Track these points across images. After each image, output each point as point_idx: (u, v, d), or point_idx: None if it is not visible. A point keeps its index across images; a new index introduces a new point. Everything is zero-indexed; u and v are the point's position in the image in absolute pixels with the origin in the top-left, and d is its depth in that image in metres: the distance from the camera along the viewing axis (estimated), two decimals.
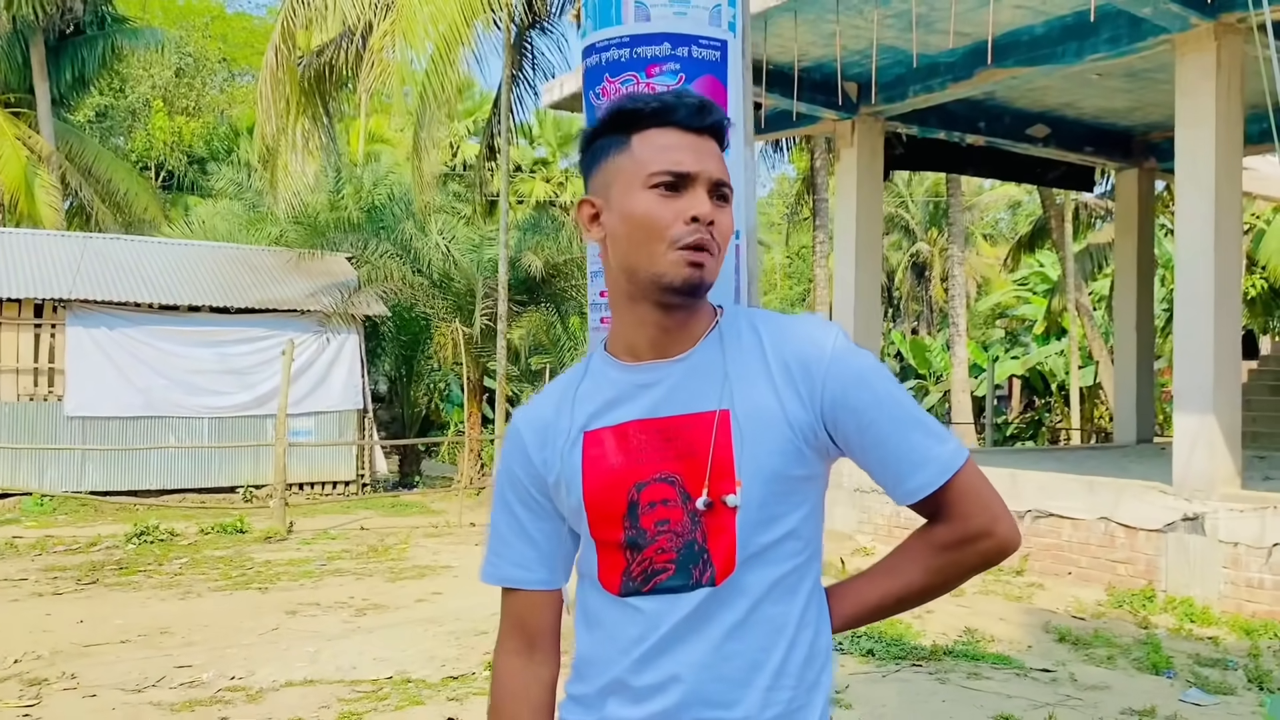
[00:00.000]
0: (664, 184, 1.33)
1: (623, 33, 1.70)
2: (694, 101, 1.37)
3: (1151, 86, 9.52)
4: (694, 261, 1.32)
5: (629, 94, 1.41)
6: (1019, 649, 5.76)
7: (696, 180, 1.34)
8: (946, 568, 1.41)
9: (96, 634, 6.47)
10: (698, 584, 1.33)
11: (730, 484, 1.33)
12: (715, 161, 1.36)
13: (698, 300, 1.38)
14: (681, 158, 1.34)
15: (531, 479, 1.45)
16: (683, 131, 1.35)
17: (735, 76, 1.73)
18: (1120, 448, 11.38)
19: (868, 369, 1.38)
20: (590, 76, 1.76)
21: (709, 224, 1.33)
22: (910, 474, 1.36)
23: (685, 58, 1.68)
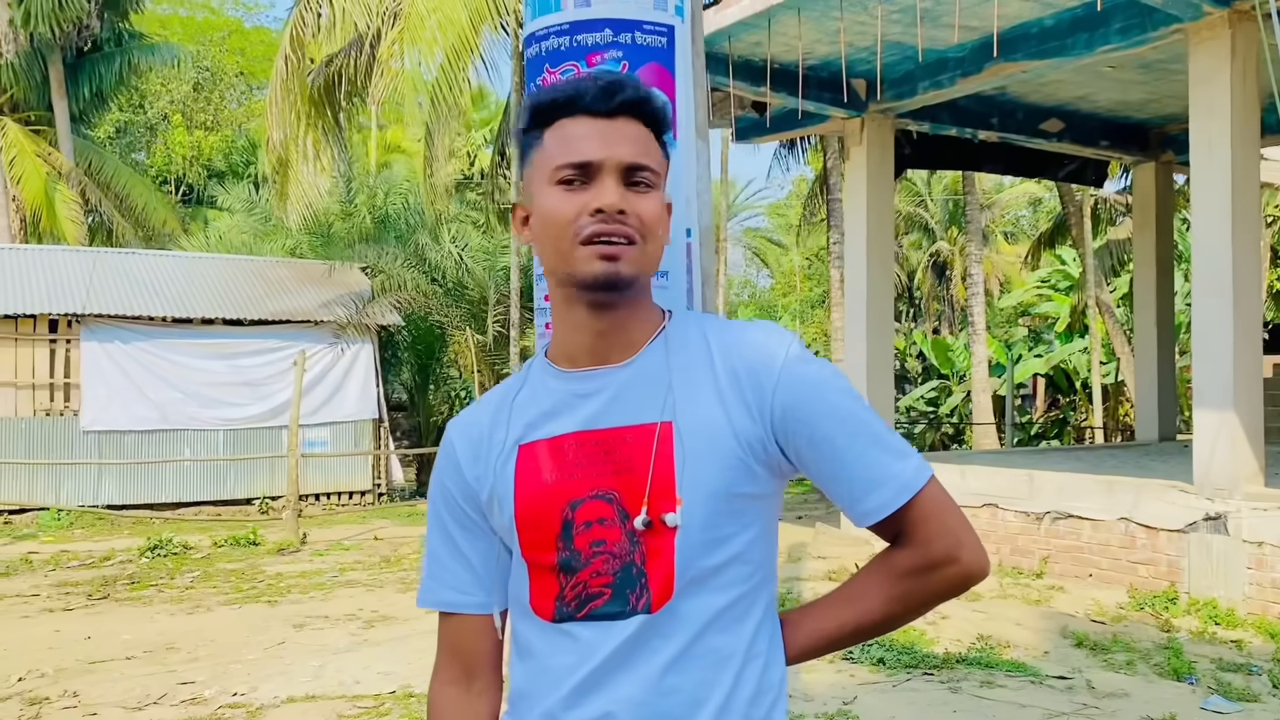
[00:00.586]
0: (567, 178, 1.24)
1: (562, 20, 1.61)
2: (602, 83, 1.26)
3: (1166, 78, 9.34)
4: (605, 255, 1.22)
5: (547, 85, 1.32)
6: (1035, 655, 5.61)
7: (603, 169, 1.23)
8: (908, 596, 1.30)
9: (102, 650, 6.43)
10: (634, 610, 1.22)
11: (671, 502, 1.22)
12: (628, 145, 1.25)
13: (623, 296, 1.27)
14: (584, 146, 1.24)
15: (465, 495, 1.36)
16: (592, 118, 1.25)
17: (684, 64, 1.63)
18: (1142, 446, 11.18)
19: (822, 378, 1.27)
20: (531, 68, 1.67)
21: (619, 213, 1.22)
22: (867, 493, 1.26)
23: (628, 45, 1.58)
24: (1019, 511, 8.22)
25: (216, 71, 35.69)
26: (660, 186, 1.28)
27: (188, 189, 32.44)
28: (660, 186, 1.28)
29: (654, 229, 1.26)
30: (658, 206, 1.26)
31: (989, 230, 31.08)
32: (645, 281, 1.29)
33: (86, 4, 19.41)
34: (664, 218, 1.29)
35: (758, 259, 42.86)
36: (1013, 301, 28.19)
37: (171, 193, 31.36)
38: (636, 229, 1.24)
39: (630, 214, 1.23)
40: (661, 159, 1.30)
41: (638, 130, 1.27)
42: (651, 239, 1.25)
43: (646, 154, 1.26)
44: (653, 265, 1.28)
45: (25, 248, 15.38)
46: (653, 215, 1.25)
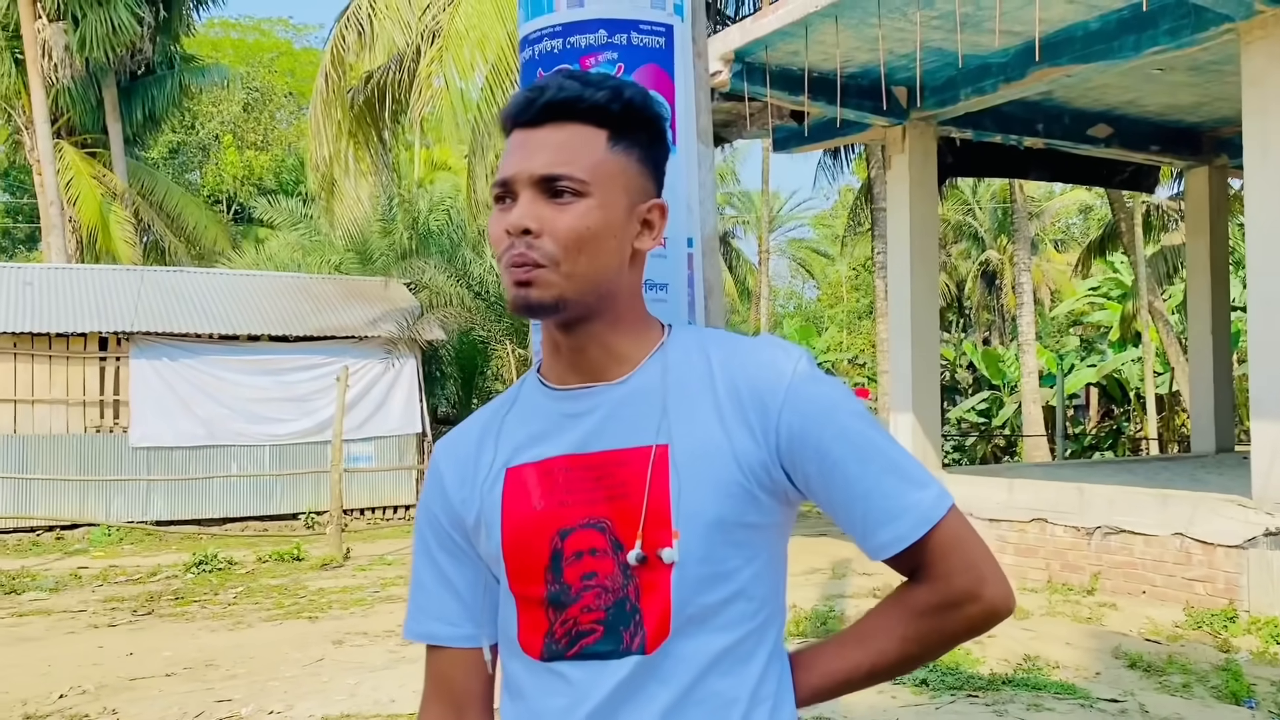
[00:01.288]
0: (497, 195, 1.17)
1: (555, 21, 1.54)
2: (523, 92, 1.19)
3: (1218, 80, 9.09)
4: (517, 280, 1.14)
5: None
6: (1086, 677, 5.43)
7: (516, 184, 1.16)
8: (926, 636, 1.20)
9: (144, 667, 6.46)
10: (628, 650, 1.14)
11: (667, 532, 1.14)
12: (544, 154, 1.15)
13: (563, 317, 1.18)
14: (506, 163, 1.17)
15: (451, 520, 1.28)
16: (522, 129, 1.18)
17: (684, 65, 1.55)
18: (1198, 458, 10.87)
19: (833, 399, 1.18)
20: (525, 71, 1.60)
21: (523, 233, 1.14)
22: (882, 525, 1.16)
23: (624, 45, 1.51)
24: (1069, 526, 8.00)
25: (266, 92, 36.32)
26: (595, 196, 1.16)
27: (239, 208, 32.98)
28: (595, 196, 1.16)
29: (574, 245, 1.14)
30: (580, 220, 1.14)
31: (1039, 238, 30.62)
32: (592, 301, 1.18)
33: (139, 28, 19.83)
34: (600, 230, 1.16)
35: (803, 270, 42.62)
36: (1064, 310, 27.74)
37: (223, 212, 31.89)
38: (547, 250, 1.14)
39: (543, 233, 1.13)
40: (611, 162, 1.17)
41: (567, 134, 1.16)
42: (573, 257, 1.14)
43: (568, 160, 1.15)
44: (583, 283, 1.16)
45: (76, 267, 15.68)
46: (569, 230, 1.14)
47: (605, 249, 1.16)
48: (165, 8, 21.29)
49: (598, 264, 1.16)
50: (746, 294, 32.53)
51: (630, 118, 1.18)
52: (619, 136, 1.18)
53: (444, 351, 16.59)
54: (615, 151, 1.17)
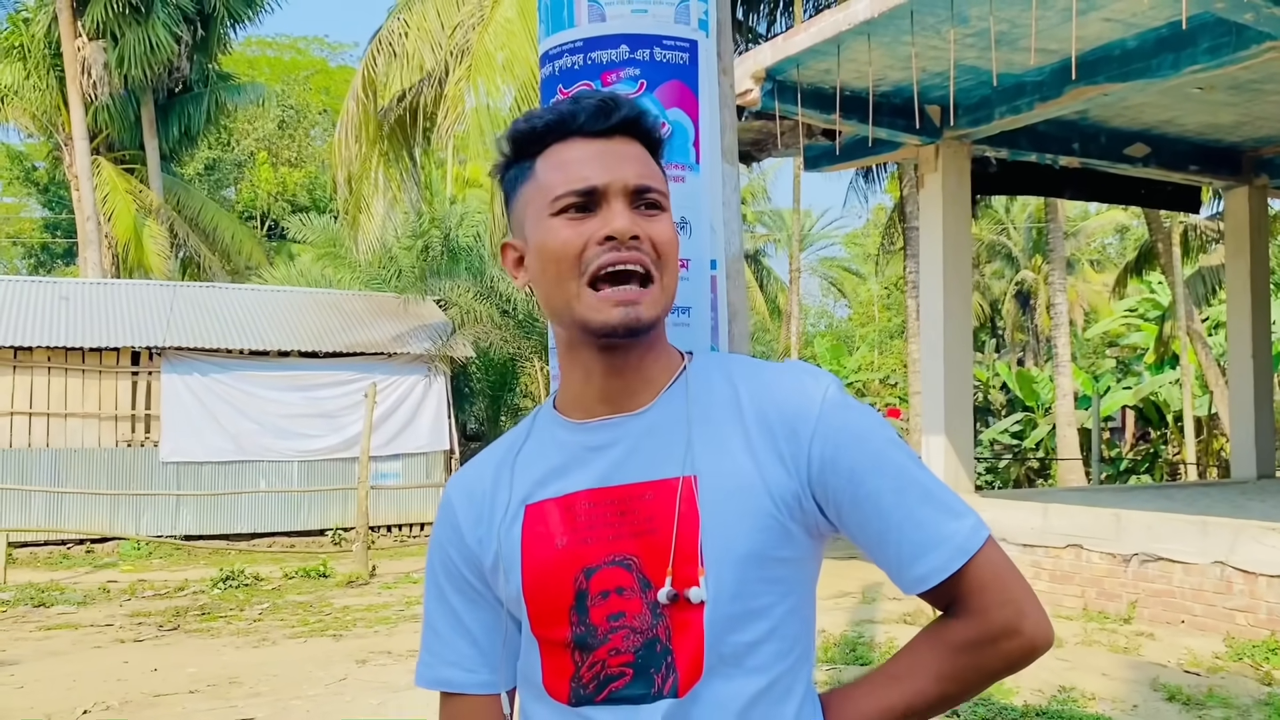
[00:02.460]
0: (571, 205, 1.10)
1: (576, 36, 1.49)
2: (594, 101, 1.14)
3: (1259, 98, 8.94)
4: (621, 300, 1.09)
5: (527, 112, 1.17)
6: (1123, 709, 5.28)
7: (608, 192, 1.10)
8: (963, 673, 1.14)
9: (168, 683, 6.45)
10: (659, 694, 1.08)
11: (696, 569, 1.08)
12: (634, 165, 1.13)
13: (640, 341, 1.13)
14: (587, 171, 1.11)
15: (466, 561, 1.22)
16: (588, 139, 1.13)
17: (708, 82, 1.50)
18: (1239, 484, 10.64)
19: (866, 426, 1.13)
20: (545, 88, 1.55)
21: (632, 238, 1.09)
22: (917, 557, 1.11)
23: (646, 61, 1.45)
24: (1105, 553, 7.84)
25: (301, 109, 36.73)
26: (670, 210, 1.16)
27: (273, 224, 33.32)
28: (670, 210, 1.16)
29: (670, 256, 1.12)
30: (671, 231, 1.14)
31: (1075, 259, 30.33)
32: (665, 314, 1.16)
33: (177, 47, 20.12)
34: (678, 242, 1.16)
35: (835, 289, 42.45)
36: (1099, 331, 27.41)
37: (258, 228, 32.23)
38: (652, 257, 1.11)
39: (644, 239, 1.10)
40: (664, 180, 1.17)
41: (638, 150, 1.15)
42: (668, 269, 1.12)
43: (652, 174, 1.15)
44: (671, 301, 1.15)
45: (108, 282, 15.85)
46: (667, 240, 1.12)
47: (677, 268, 1.16)
48: (203, 26, 21.59)
49: (675, 282, 1.15)
50: (777, 312, 32.42)
51: (661, 143, 1.20)
52: (658, 160, 1.18)
53: (473, 368, 16.61)
54: (662, 174, 1.19)
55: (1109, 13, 7.22)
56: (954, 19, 7.16)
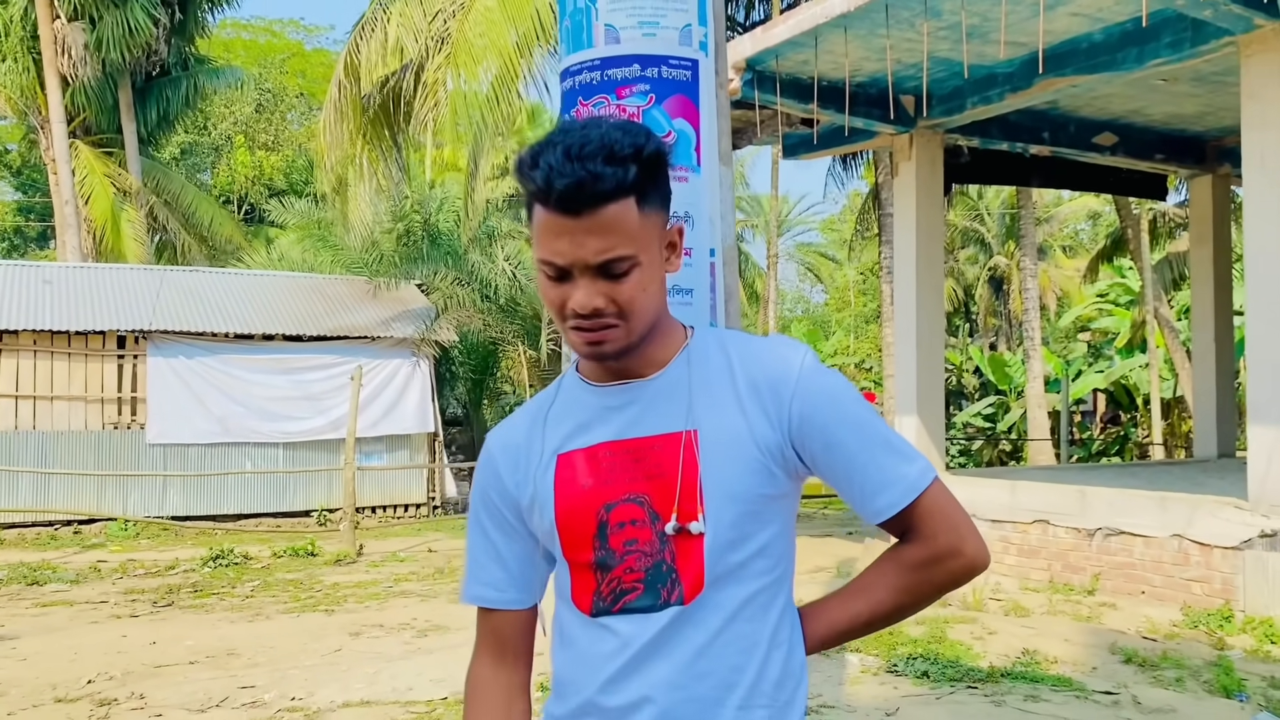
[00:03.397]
0: (547, 274, 1.32)
1: (594, 56, 1.72)
2: (564, 185, 1.25)
3: (1222, 90, 9.24)
4: (589, 341, 1.32)
5: (523, 154, 1.31)
6: (1082, 671, 5.59)
7: (573, 270, 1.29)
8: (916, 587, 1.41)
9: (167, 655, 6.65)
10: (666, 603, 1.33)
11: (695, 507, 1.33)
12: (595, 243, 1.27)
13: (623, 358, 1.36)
14: (558, 248, 1.28)
15: (505, 501, 1.47)
16: (559, 216, 1.27)
17: (708, 95, 1.73)
18: (1200, 462, 11.02)
19: (836, 388, 1.38)
20: (566, 99, 1.78)
21: (592, 311, 1.29)
22: (877, 493, 1.36)
23: (655, 78, 1.69)
24: (1070, 528, 8.16)
25: (278, 93, 36.57)
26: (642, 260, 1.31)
27: (249, 208, 33.22)
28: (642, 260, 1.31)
29: (634, 306, 1.31)
30: (637, 286, 1.30)
31: (1047, 244, 30.74)
32: (644, 333, 1.35)
33: (155, 30, 20.06)
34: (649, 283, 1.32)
35: (811, 274, 42.78)
36: (1071, 317, 27.84)
37: (234, 212, 32.13)
38: (615, 316, 1.31)
39: (606, 305, 1.29)
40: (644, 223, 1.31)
41: (612, 214, 1.27)
42: (635, 314, 1.31)
43: (619, 242, 1.28)
44: (644, 327, 1.34)
45: (95, 266, 15.91)
46: (629, 299, 1.30)
47: (653, 293, 1.34)
48: (180, 10, 21.54)
49: (651, 307, 1.34)
50: (755, 297, 32.71)
51: (650, 173, 1.30)
52: (645, 195, 1.30)
53: (455, 353, 16.79)
54: (645, 210, 1.31)
55: (1075, 7, 7.50)
56: (927, 12, 7.41)
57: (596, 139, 1.27)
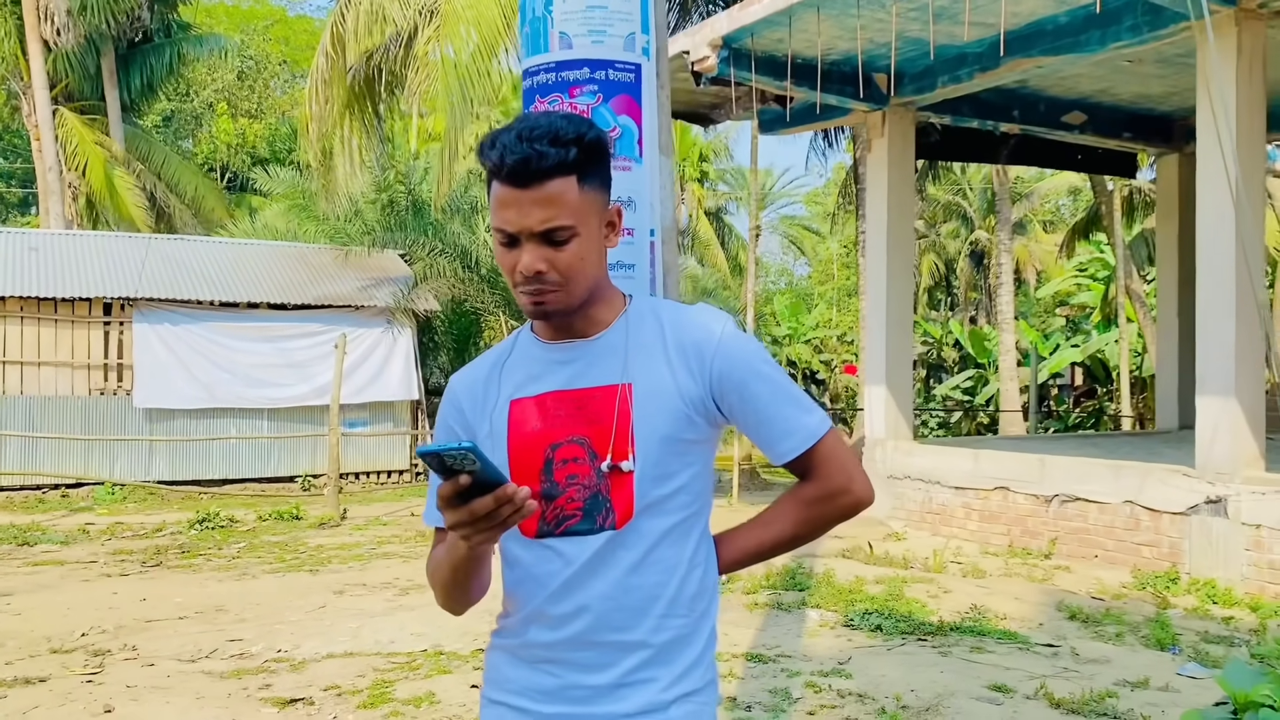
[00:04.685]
0: (499, 240, 1.55)
1: (550, 59, 1.96)
2: (514, 160, 1.48)
3: (1186, 71, 9.48)
4: (533, 301, 1.56)
5: (488, 136, 1.55)
6: (1028, 626, 5.91)
7: (520, 236, 1.52)
8: (811, 519, 1.67)
9: (157, 611, 6.91)
10: (601, 528, 1.58)
11: (627, 449, 1.58)
12: (541, 211, 1.49)
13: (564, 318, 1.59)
14: (507, 217, 1.52)
15: (464, 429, 1.71)
16: (510, 188, 1.50)
17: (649, 95, 1.98)
18: (1161, 434, 11.37)
19: (751, 351, 1.63)
20: (526, 96, 2.02)
21: (536, 273, 1.52)
22: (782, 439, 1.62)
23: (603, 80, 1.93)
24: (1029, 494, 8.49)
25: (261, 60, 36.41)
26: (581, 231, 1.54)
27: (232, 176, 33.17)
28: (581, 231, 1.54)
29: (573, 272, 1.55)
30: (575, 254, 1.54)
31: (1027, 220, 31.00)
32: (583, 297, 1.59)
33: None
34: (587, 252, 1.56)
35: (795, 247, 42.96)
36: (1050, 291, 28.18)
37: (217, 180, 32.08)
38: (556, 280, 1.54)
39: (549, 270, 1.53)
40: (584, 199, 1.53)
41: (555, 188, 1.50)
42: (574, 279, 1.55)
43: (560, 213, 1.50)
44: (582, 291, 1.58)
45: (82, 234, 16.02)
46: (568, 265, 1.54)
47: (591, 262, 1.59)
48: None
49: (588, 275, 1.59)
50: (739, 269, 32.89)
51: (590, 157, 1.53)
52: (585, 175, 1.53)
53: (437, 322, 17.00)
54: (585, 188, 1.54)
55: None
56: None
57: (545, 125, 1.52)
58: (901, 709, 4.37)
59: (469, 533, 1.38)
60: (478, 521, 1.36)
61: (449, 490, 1.34)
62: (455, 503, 1.36)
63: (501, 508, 1.35)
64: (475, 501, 1.35)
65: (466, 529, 1.38)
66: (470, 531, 1.38)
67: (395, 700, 4.84)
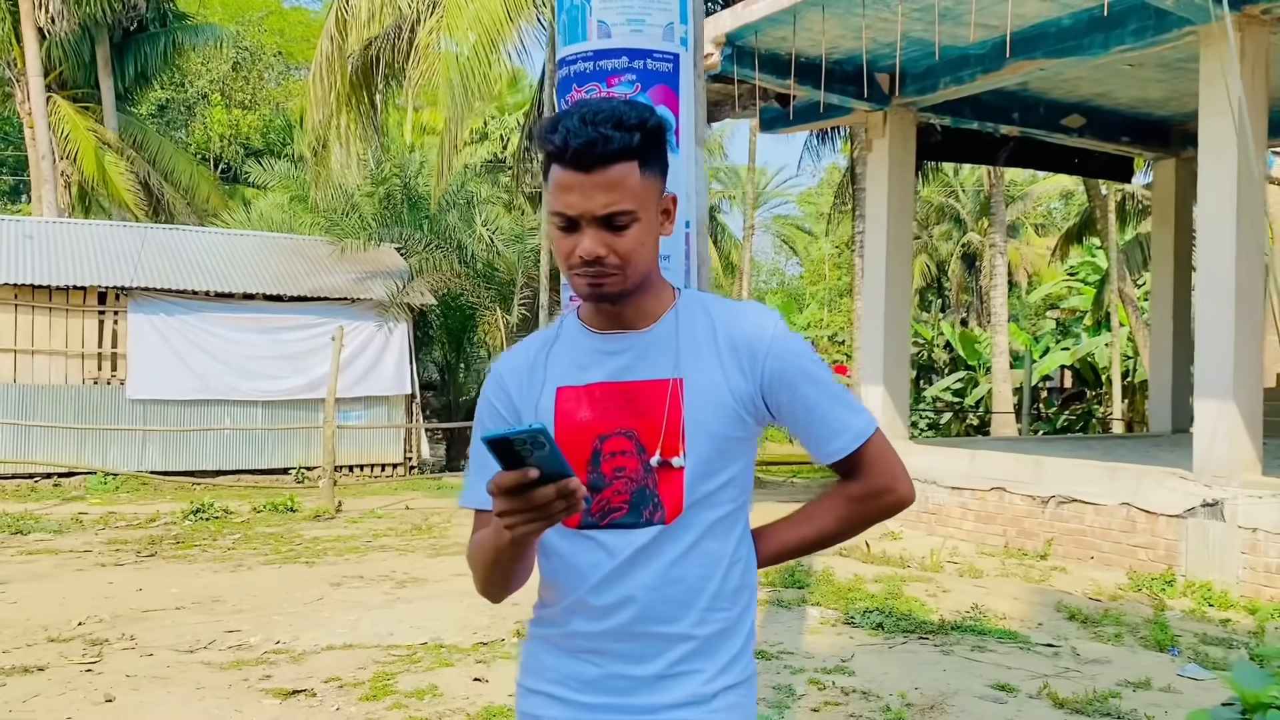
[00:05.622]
0: (558, 225, 1.54)
1: (587, 48, 1.95)
2: (579, 143, 1.48)
3: (1185, 76, 9.53)
4: (590, 284, 1.55)
5: (544, 122, 1.55)
6: (1028, 626, 5.93)
7: (581, 221, 1.52)
8: (854, 516, 1.69)
9: (154, 601, 6.88)
10: (649, 522, 1.58)
11: (678, 444, 1.58)
12: (603, 197, 1.49)
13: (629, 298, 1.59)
14: (569, 201, 1.51)
15: (510, 412, 1.69)
16: (573, 172, 1.49)
17: (687, 85, 1.98)
18: (1154, 437, 11.42)
19: (801, 351, 1.64)
20: (562, 86, 2.02)
21: (596, 258, 1.52)
22: (831, 439, 1.63)
23: (641, 70, 1.93)
24: (1025, 495, 8.52)
25: (255, 51, 36.25)
26: (642, 215, 1.55)
27: (225, 167, 33.04)
28: (642, 215, 1.55)
29: (632, 257, 1.55)
30: (635, 239, 1.54)
31: (1020, 222, 31.11)
32: (639, 283, 1.59)
33: None
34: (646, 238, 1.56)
35: (787, 246, 43.02)
36: (1041, 294, 28.28)
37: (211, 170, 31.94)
38: (615, 265, 1.54)
39: (609, 254, 1.53)
40: (644, 185, 1.53)
41: (618, 173, 1.49)
42: (632, 264, 1.55)
43: (622, 198, 1.50)
44: (639, 277, 1.58)
45: (73, 221, 15.94)
46: (629, 250, 1.54)
47: (648, 249, 1.59)
48: None
49: (645, 261, 1.58)
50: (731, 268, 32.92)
51: (652, 144, 1.53)
52: (646, 162, 1.53)
53: (432, 316, 16.97)
54: (645, 175, 1.54)
55: None
56: None
57: (608, 110, 1.52)
58: (906, 707, 4.38)
59: (519, 521, 1.35)
60: (532, 511, 1.34)
61: (513, 481, 1.31)
62: (513, 491, 1.32)
63: (556, 501, 1.33)
64: (537, 491, 1.32)
65: (519, 518, 1.35)
66: (520, 521, 1.35)
67: (398, 693, 4.83)
